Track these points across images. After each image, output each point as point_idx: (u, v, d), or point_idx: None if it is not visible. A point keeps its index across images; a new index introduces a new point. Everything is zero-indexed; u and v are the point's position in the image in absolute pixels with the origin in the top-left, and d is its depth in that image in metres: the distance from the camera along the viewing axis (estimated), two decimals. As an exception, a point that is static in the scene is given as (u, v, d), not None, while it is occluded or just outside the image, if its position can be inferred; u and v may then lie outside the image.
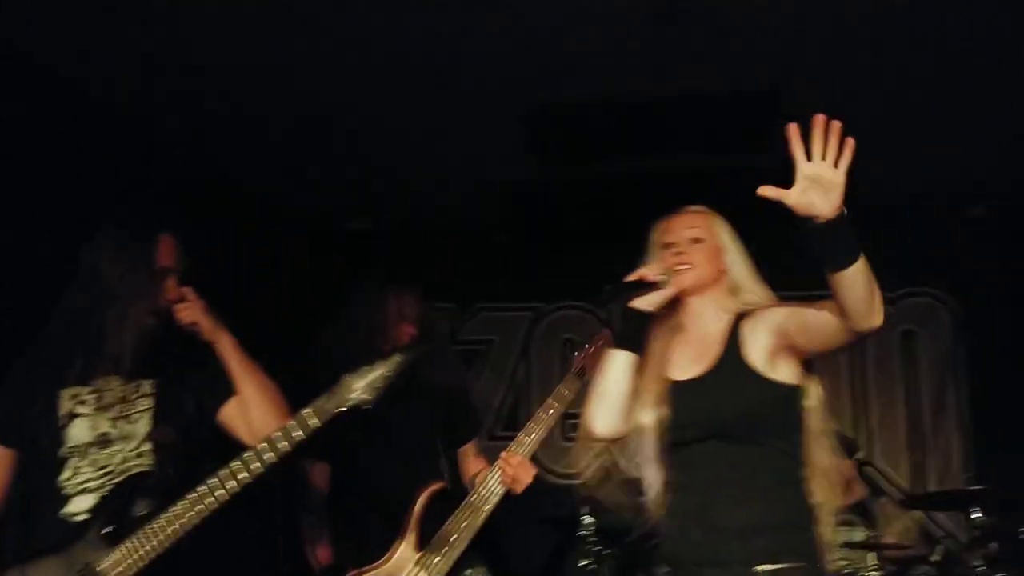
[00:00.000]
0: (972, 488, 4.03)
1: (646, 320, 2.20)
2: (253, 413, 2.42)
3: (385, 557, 3.00)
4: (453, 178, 4.91)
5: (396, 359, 2.39)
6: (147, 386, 2.43)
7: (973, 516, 3.81)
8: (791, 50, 3.62)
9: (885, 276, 5.71)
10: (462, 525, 2.94)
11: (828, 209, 1.74)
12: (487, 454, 3.43)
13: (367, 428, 3.20)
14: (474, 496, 2.97)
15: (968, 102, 3.97)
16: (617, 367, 2.20)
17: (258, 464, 2.27)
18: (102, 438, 2.36)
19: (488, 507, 2.94)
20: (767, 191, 1.82)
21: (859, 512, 4.29)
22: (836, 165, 1.74)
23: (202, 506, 2.23)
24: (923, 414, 5.17)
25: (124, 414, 2.39)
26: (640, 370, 2.20)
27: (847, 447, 4.47)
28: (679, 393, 2.16)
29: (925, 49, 3.57)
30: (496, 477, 2.96)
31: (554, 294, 5.57)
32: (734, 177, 4.43)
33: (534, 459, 3.00)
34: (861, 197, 5.40)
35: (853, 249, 1.80)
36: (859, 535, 4.18)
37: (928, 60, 3.65)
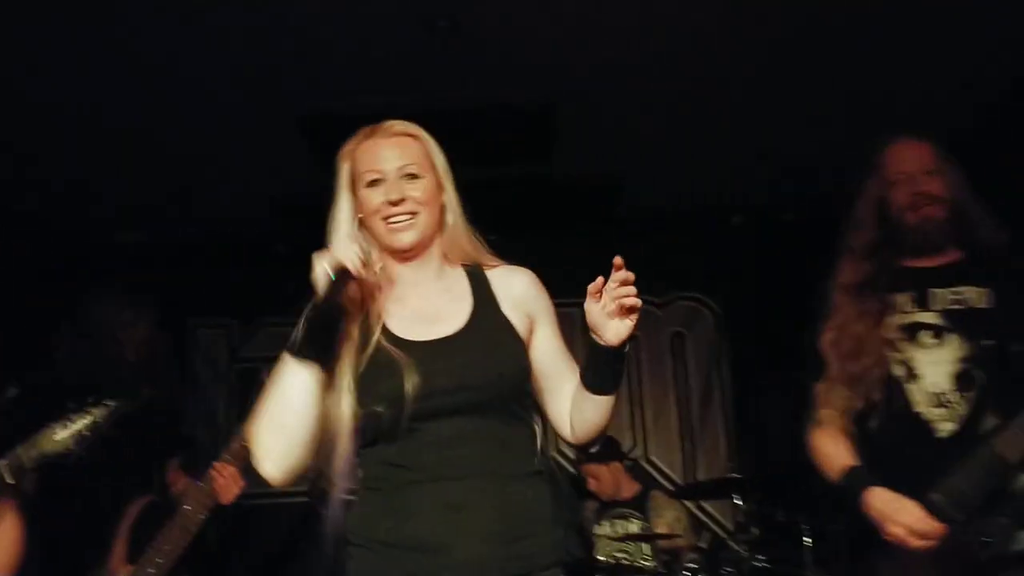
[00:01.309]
0: (734, 477, 4.30)
1: (337, 315, 1.70)
2: None
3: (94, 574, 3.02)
4: (233, 189, 4.75)
5: (106, 408, 2.31)
6: None
7: (736, 503, 4.10)
8: (567, 64, 3.77)
9: (657, 281, 6.01)
10: (172, 536, 2.97)
11: (614, 337, 1.66)
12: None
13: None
14: (186, 507, 3.03)
15: (727, 122, 4.29)
16: (299, 386, 1.65)
17: None
18: None
19: (200, 517, 3.02)
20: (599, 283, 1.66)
21: (633, 506, 4.51)
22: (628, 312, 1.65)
23: None
24: (692, 410, 5.51)
25: None
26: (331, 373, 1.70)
27: (612, 448, 4.69)
28: (427, 354, 1.70)
29: (690, 72, 3.83)
30: (206, 488, 3.05)
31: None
32: (511, 188, 4.58)
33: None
34: (634, 209, 5.72)
35: (615, 383, 1.74)
36: (634, 527, 4.40)
37: (691, 81, 3.91)
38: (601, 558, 4.07)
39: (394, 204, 1.77)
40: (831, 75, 3.86)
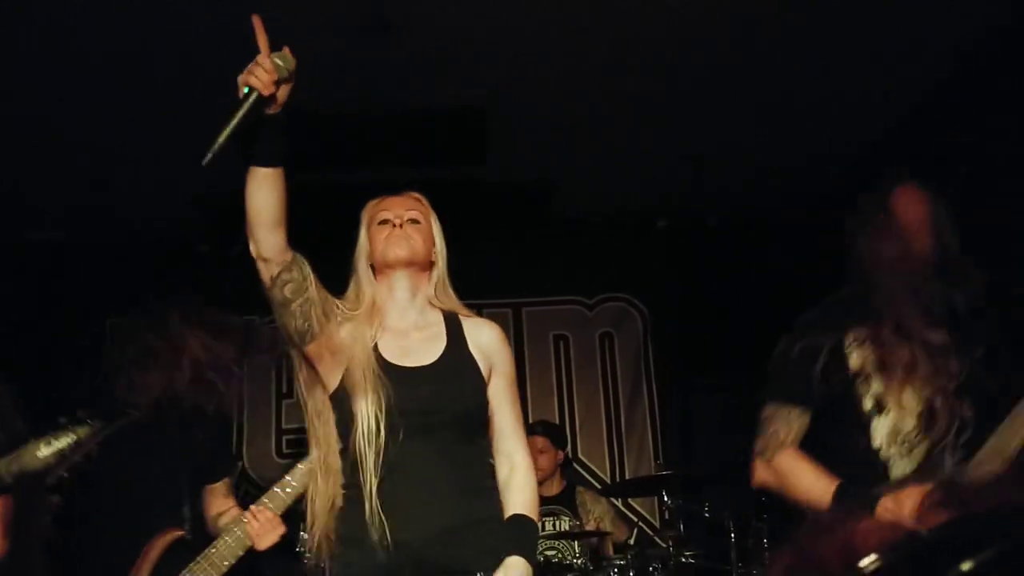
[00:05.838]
0: (660, 474, 4.36)
1: (279, 122, 2.18)
2: None
3: None
4: (156, 187, 4.64)
5: (91, 428, 2.23)
6: None
7: (663, 500, 4.15)
8: (499, 67, 3.78)
9: (586, 282, 6.03)
10: None
11: None
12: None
13: (102, 464, 2.88)
14: (213, 549, 2.75)
15: (654, 127, 4.34)
16: (264, 184, 2.18)
17: None
18: None
19: (227, 563, 2.74)
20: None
21: (561, 502, 4.54)
22: None
23: None
24: (620, 409, 5.57)
25: None
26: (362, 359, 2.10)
27: (557, 435, 4.74)
28: (406, 379, 2.10)
29: (618, 77, 3.87)
30: (239, 531, 2.76)
31: (262, 307, 5.40)
32: (444, 190, 4.56)
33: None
34: (564, 212, 5.73)
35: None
36: (565, 524, 4.44)
37: (620, 87, 3.96)
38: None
39: (396, 226, 2.22)
40: (757, 81, 3.95)
